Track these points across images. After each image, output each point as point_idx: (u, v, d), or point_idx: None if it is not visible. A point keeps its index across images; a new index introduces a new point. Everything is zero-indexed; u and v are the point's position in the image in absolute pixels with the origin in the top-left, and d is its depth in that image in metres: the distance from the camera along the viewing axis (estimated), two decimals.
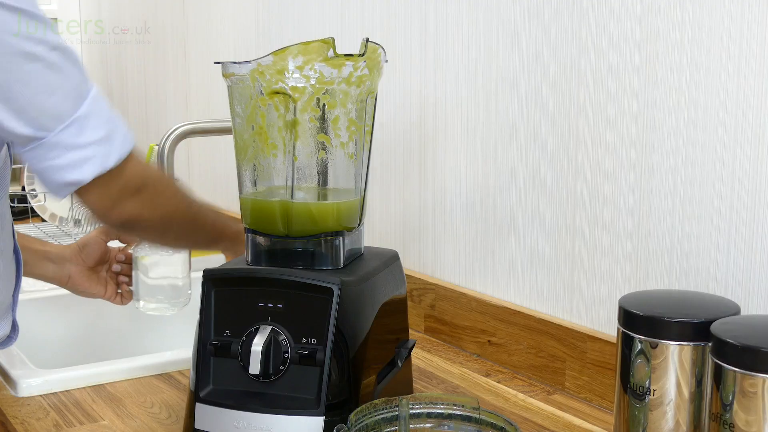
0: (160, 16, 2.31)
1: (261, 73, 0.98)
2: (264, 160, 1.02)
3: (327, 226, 1.02)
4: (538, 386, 1.22)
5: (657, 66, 1.04)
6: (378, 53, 1.02)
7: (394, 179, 1.49)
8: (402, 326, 1.13)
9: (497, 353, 1.29)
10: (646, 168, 1.07)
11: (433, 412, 0.92)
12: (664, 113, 1.04)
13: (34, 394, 1.18)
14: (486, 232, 1.32)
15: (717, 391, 0.79)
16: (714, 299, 0.93)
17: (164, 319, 1.64)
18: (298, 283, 0.97)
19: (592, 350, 1.14)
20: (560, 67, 1.17)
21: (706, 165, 1.00)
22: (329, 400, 0.94)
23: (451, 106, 1.36)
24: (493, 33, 1.27)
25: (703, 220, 1.01)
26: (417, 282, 1.43)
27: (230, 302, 0.99)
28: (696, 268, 1.03)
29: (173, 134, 1.27)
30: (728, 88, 0.97)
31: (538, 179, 1.22)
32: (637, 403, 0.89)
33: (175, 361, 1.27)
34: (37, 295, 1.53)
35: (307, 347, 0.95)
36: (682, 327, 0.86)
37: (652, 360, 0.87)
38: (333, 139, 1.02)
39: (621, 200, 1.11)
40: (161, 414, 1.13)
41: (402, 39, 1.43)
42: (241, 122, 1.03)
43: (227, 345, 0.97)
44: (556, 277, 1.21)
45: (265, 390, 0.96)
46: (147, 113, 2.45)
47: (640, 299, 0.92)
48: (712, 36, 0.98)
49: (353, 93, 1.00)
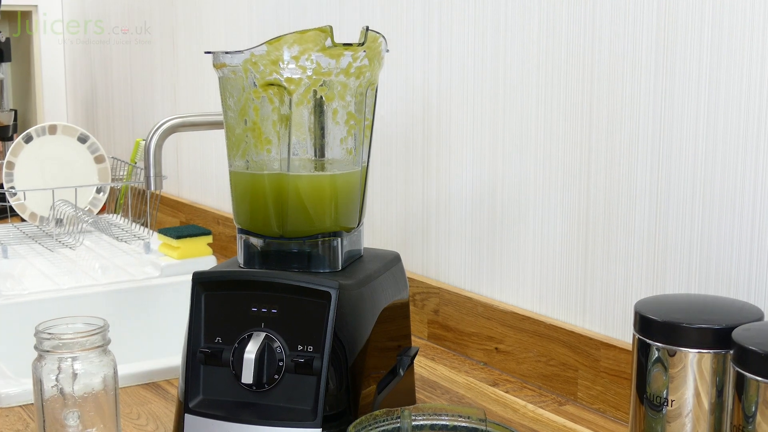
0: (146, 3, 2.31)
1: (254, 63, 0.98)
2: (257, 156, 1.02)
3: (324, 225, 1.02)
4: (549, 396, 1.22)
5: (675, 52, 1.04)
6: (378, 42, 1.02)
7: (395, 176, 1.49)
8: (404, 333, 1.13)
9: (505, 361, 1.29)
10: (663, 163, 1.07)
11: (437, 424, 0.92)
12: (683, 104, 1.04)
13: (12, 405, 1.18)
14: (493, 233, 1.32)
15: (739, 401, 0.79)
16: (736, 304, 0.92)
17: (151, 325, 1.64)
18: (293, 287, 0.97)
19: (606, 358, 1.14)
20: (573, 55, 1.17)
21: (727, 159, 1.00)
22: (326, 411, 0.94)
23: (456, 98, 1.36)
24: (501, 20, 1.27)
25: (725, 218, 1.01)
26: (420, 285, 1.43)
27: (221, 307, 0.99)
28: (717, 271, 1.03)
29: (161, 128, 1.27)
30: (751, 75, 0.97)
31: (548, 176, 1.22)
32: (654, 414, 0.88)
33: (162, 370, 1.27)
34: (18, 300, 1.53)
35: (303, 355, 0.95)
36: (702, 333, 0.85)
37: (669, 369, 0.87)
38: (331, 133, 1.02)
39: (637, 197, 1.11)
40: (148, 426, 1.13)
41: (404, 27, 1.43)
42: (234, 116, 1.03)
43: (218, 352, 0.97)
44: (568, 281, 1.21)
45: (259, 400, 0.96)
46: (133, 106, 2.45)
47: (657, 304, 0.92)
48: (733, 21, 0.98)
49: (352, 85, 1.00)
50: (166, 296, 1.66)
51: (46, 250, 1.86)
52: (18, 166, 2.05)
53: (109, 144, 2.55)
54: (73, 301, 1.57)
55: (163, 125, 1.27)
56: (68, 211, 1.94)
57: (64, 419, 0.95)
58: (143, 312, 1.64)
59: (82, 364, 0.95)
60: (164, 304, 1.65)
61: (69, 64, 2.83)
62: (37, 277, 1.67)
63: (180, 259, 1.70)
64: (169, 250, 1.74)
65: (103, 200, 2.12)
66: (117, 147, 2.52)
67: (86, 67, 2.72)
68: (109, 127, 2.61)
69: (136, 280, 1.67)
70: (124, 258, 1.80)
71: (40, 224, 2.04)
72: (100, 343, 0.96)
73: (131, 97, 2.46)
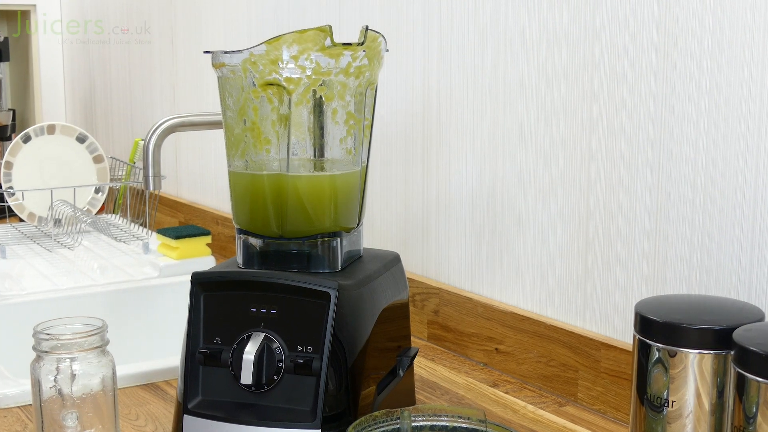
0: (146, 3, 2.31)
1: (253, 63, 0.98)
2: (256, 156, 1.02)
3: (323, 226, 1.02)
4: (549, 397, 1.22)
5: (676, 53, 1.04)
6: (378, 42, 1.02)
7: (395, 176, 1.49)
8: (403, 333, 1.13)
9: (505, 362, 1.29)
10: (664, 163, 1.07)
11: (437, 425, 0.92)
12: (684, 104, 1.04)
13: (11, 406, 1.18)
14: (493, 233, 1.32)
15: (740, 402, 0.79)
16: (736, 305, 0.92)
17: (150, 325, 1.64)
18: (292, 287, 0.97)
19: (607, 359, 1.14)
20: (573, 54, 1.17)
21: (728, 159, 1.00)
22: (326, 412, 0.94)
23: (456, 98, 1.36)
24: (501, 19, 1.27)
25: (725, 219, 1.01)
26: (419, 286, 1.43)
27: (220, 308, 0.99)
28: (717, 271, 1.03)
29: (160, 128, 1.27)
30: (752, 80, 0.97)
31: (549, 175, 1.22)
32: (654, 415, 0.88)
33: (161, 371, 1.27)
34: (16, 300, 1.53)
35: (303, 355, 0.95)
36: (703, 334, 0.85)
37: (670, 369, 0.87)
38: (330, 133, 1.02)
39: (637, 197, 1.11)
40: (147, 427, 1.13)
41: (404, 26, 1.43)
42: (233, 116, 1.03)
43: (217, 353, 0.97)
44: (568, 281, 1.21)
45: (258, 401, 0.96)
46: (132, 106, 2.45)
47: (658, 304, 0.92)
48: (734, 21, 0.98)
49: (352, 84, 1.00)
50: (165, 297, 1.66)
51: (45, 251, 1.86)
52: (16, 166, 2.05)
53: (107, 144, 2.55)
54: (72, 301, 1.57)
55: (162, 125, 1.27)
56: (67, 211, 1.94)
57: (62, 420, 0.95)
58: (142, 312, 1.64)
59: (81, 365, 0.95)
60: (163, 304, 1.65)
61: (68, 64, 2.82)
62: (35, 277, 1.67)
63: (179, 260, 1.70)
64: (167, 251, 1.74)
65: (102, 200, 2.12)
66: (116, 147, 2.52)
67: (85, 66, 2.72)
68: (108, 126, 2.61)
69: (135, 281, 1.67)
70: (122, 258, 1.80)
71: (38, 224, 2.04)
72: (99, 344, 0.96)
73: (130, 97, 2.46)
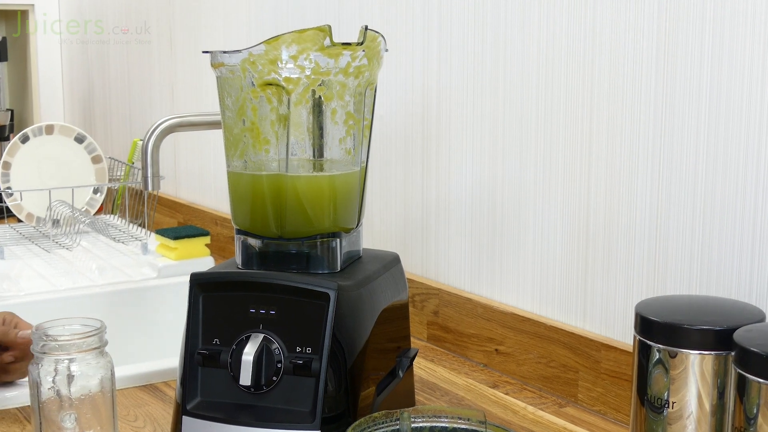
0: (145, 3, 2.31)
1: (252, 63, 0.98)
2: (256, 156, 1.02)
3: (323, 226, 1.01)
4: (549, 398, 1.22)
5: (677, 57, 1.04)
6: (377, 42, 1.02)
7: (394, 177, 1.49)
8: (403, 334, 1.13)
9: (505, 363, 1.29)
10: (664, 164, 1.07)
11: (437, 426, 0.92)
12: (684, 107, 1.04)
13: (9, 407, 1.18)
14: (493, 234, 1.32)
15: (740, 403, 0.79)
16: (737, 305, 0.92)
17: (149, 326, 1.64)
18: (291, 288, 0.97)
19: (607, 360, 1.14)
20: (573, 56, 1.17)
21: (728, 161, 1.00)
22: (325, 413, 0.94)
23: (455, 98, 1.36)
24: (501, 18, 1.27)
25: (726, 220, 1.01)
26: (419, 287, 1.43)
27: (219, 308, 0.99)
28: (718, 272, 1.03)
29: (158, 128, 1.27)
30: (752, 82, 0.97)
31: (549, 175, 1.22)
32: (654, 416, 0.88)
33: (160, 372, 1.27)
34: (14, 301, 1.53)
35: (302, 356, 0.95)
36: (703, 335, 0.85)
37: (671, 370, 0.87)
38: (330, 133, 1.02)
39: (638, 198, 1.11)
40: (146, 428, 1.13)
41: (403, 26, 1.43)
42: (232, 116, 1.02)
43: (216, 354, 0.97)
44: (568, 282, 1.21)
45: (257, 402, 0.96)
46: (131, 106, 2.45)
47: (658, 305, 0.92)
48: (734, 25, 0.98)
49: (351, 84, 1.00)
50: (164, 297, 1.65)
51: (43, 251, 1.86)
52: (14, 167, 2.05)
53: (106, 144, 2.55)
54: (70, 302, 1.57)
55: (160, 125, 1.27)
56: (65, 211, 1.94)
57: (60, 421, 0.95)
58: (140, 313, 1.64)
59: (79, 366, 0.95)
60: (162, 305, 1.65)
61: (66, 64, 2.82)
62: (33, 278, 1.67)
63: (178, 260, 1.70)
64: (166, 251, 1.74)
65: (101, 201, 2.12)
66: (114, 147, 2.52)
67: (83, 66, 2.72)
68: (107, 127, 2.61)
69: (134, 281, 1.67)
70: (121, 259, 1.80)
71: (36, 225, 2.04)
72: (97, 345, 0.95)
73: (129, 97, 2.46)
